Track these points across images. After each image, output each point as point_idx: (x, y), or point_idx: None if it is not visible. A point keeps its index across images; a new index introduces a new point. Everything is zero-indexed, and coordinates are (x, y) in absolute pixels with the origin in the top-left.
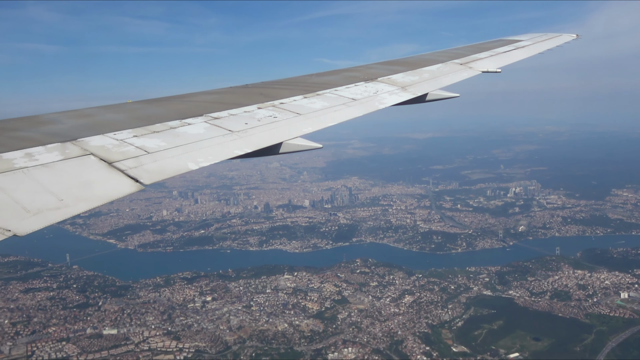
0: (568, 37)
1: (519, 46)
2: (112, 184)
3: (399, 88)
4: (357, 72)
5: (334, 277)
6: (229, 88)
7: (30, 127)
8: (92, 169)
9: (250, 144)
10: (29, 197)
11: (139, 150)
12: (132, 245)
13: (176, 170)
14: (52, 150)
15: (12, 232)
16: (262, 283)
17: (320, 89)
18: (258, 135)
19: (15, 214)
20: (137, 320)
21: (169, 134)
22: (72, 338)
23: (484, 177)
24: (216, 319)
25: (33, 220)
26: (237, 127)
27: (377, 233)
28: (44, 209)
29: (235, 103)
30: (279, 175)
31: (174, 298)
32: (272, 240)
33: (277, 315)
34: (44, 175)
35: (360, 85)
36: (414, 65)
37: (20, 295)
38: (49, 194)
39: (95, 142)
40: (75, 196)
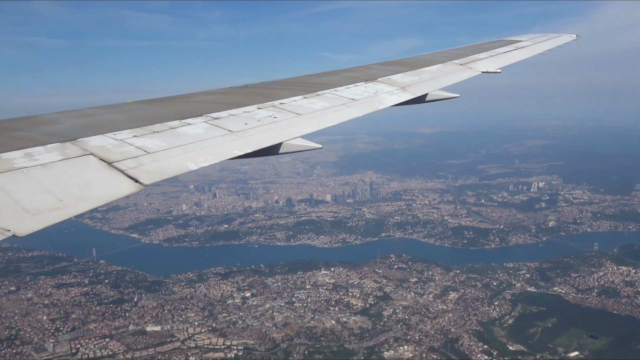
0: (568, 37)
1: (519, 46)
2: (112, 184)
3: (398, 88)
4: (357, 73)
5: (372, 272)
6: (229, 88)
7: (30, 127)
8: (92, 169)
9: (250, 144)
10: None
11: (139, 150)
12: (157, 239)
13: (176, 170)
14: (51, 150)
15: (12, 232)
16: (300, 279)
17: (320, 89)
18: (258, 136)
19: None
20: (179, 317)
21: (168, 134)
22: (115, 335)
23: (501, 172)
24: (260, 316)
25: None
26: (237, 127)
27: (406, 228)
28: (43, 209)
29: (235, 103)
30: (293, 170)
31: (210, 294)
32: (299, 235)
33: (322, 312)
34: (44, 176)
35: (360, 86)
36: (414, 66)
37: (54, 291)
38: (49, 194)
39: (95, 142)
40: (75, 196)
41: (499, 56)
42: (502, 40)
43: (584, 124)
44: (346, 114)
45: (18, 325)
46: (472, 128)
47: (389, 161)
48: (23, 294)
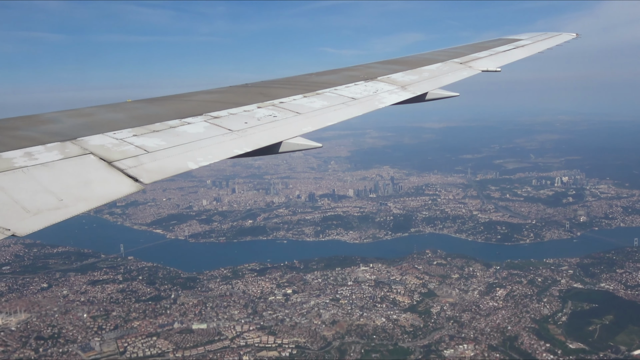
0: (568, 36)
1: (519, 45)
2: (112, 183)
3: (398, 87)
4: (356, 72)
5: (412, 269)
6: (229, 87)
7: (29, 126)
8: (92, 168)
9: (250, 143)
10: (28, 196)
11: (139, 149)
12: (182, 235)
13: (176, 169)
14: (51, 150)
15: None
16: (339, 275)
17: (320, 88)
18: (258, 135)
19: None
20: (223, 314)
21: (168, 133)
22: (161, 333)
23: (520, 167)
24: (306, 313)
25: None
26: (237, 126)
27: (435, 223)
28: (43, 209)
29: (235, 102)
30: (307, 165)
31: (249, 291)
32: (327, 231)
33: (370, 309)
34: (44, 175)
35: (360, 85)
36: (414, 65)
37: (89, 288)
38: (49, 194)
39: (95, 141)
40: (75, 196)
41: (498, 55)
42: (502, 39)
43: (590, 118)
44: (346, 113)
45: (59, 323)
46: (478, 123)
47: (403, 156)
48: (57, 291)
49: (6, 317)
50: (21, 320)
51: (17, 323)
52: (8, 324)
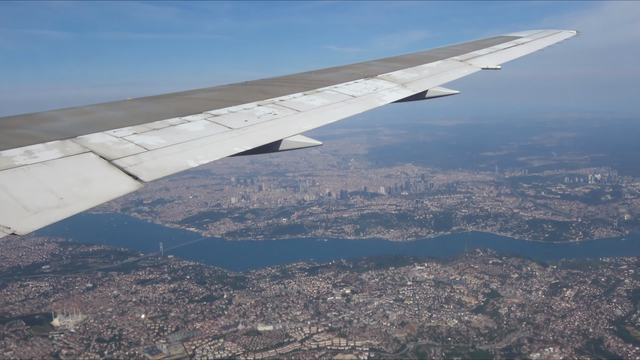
0: (568, 33)
1: (519, 43)
2: (112, 181)
3: (398, 85)
4: (356, 69)
5: (468, 268)
6: (229, 85)
7: (30, 125)
8: (92, 167)
9: (250, 141)
10: (28, 195)
11: (139, 147)
12: (218, 234)
13: (176, 167)
14: (51, 148)
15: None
16: (396, 274)
17: (320, 86)
18: (258, 133)
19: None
20: (286, 315)
21: (168, 131)
22: (226, 335)
23: (545, 164)
24: (372, 314)
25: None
26: (237, 124)
27: (477, 222)
28: (44, 208)
29: (235, 100)
30: (326, 162)
31: (305, 291)
32: (367, 229)
33: (438, 310)
34: (44, 173)
35: (360, 83)
36: (414, 62)
37: (139, 288)
38: (49, 192)
39: (95, 140)
40: (75, 194)
41: (498, 52)
42: (502, 37)
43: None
44: (346, 111)
45: (118, 324)
46: (488, 121)
47: (421, 153)
48: (106, 291)
49: (63, 319)
50: (79, 322)
51: (75, 324)
52: (66, 325)
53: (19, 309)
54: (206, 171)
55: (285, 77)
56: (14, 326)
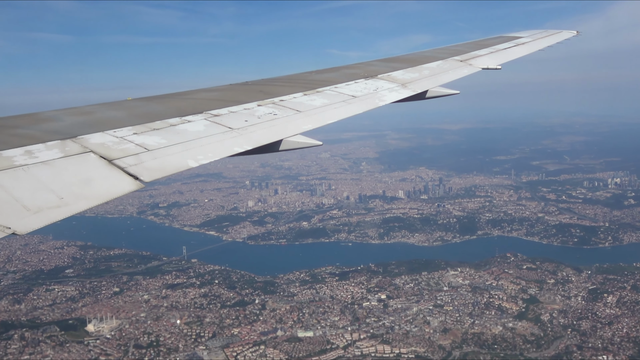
0: (568, 33)
1: (519, 43)
2: (112, 181)
3: (399, 85)
4: (357, 69)
5: (503, 273)
6: (229, 85)
7: (30, 125)
8: (92, 167)
9: (250, 141)
10: (29, 195)
11: (139, 147)
12: (239, 237)
13: (176, 167)
14: (52, 148)
15: (12, 230)
16: (431, 279)
17: (320, 86)
18: (258, 133)
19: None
20: (324, 321)
21: (168, 131)
22: (266, 341)
23: (561, 169)
24: (412, 320)
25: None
26: (237, 124)
27: (502, 226)
28: (44, 207)
29: (235, 100)
30: (338, 166)
31: (338, 296)
32: (391, 233)
33: (479, 316)
34: (44, 173)
35: (360, 83)
36: (414, 62)
37: (169, 292)
38: (49, 192)
39: (95, 140)
40: (76, 194)
41: (499, 52)
42: (502, 37)
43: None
44: (346, 111)
45: (154, 330)
46: (495, 125)
47: (433, 157)
48: (135, 296)
49: (98, 324)
50: (113, 327)
51: (110, 330)
52: (101, 330)
53: (49, 314)
54: (218, 174)
55: (286, 77)
56: (48, 331)
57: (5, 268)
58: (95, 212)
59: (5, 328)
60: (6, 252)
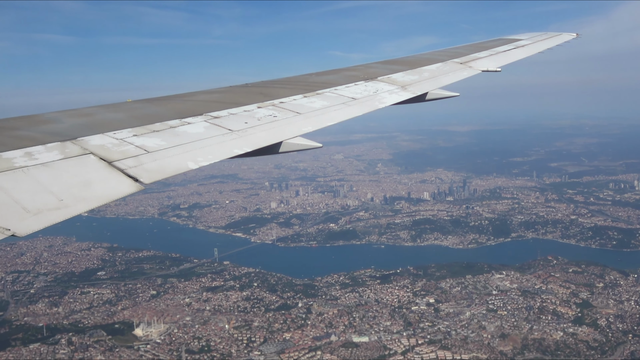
0: (568, 36)
1: (519, 45)
2: (112, 183)
3: (398, 87)
4: (356, 72)
5: (550, 277)
6: (229, 87)
7: (30, 126)
8: (92, 168)
9: (250, 143)
10: (28, 196)
11: (139, 149)
12: (268, 239)
13: (176, 169)
14: (51, 150)
15: (12, 231)
16: (477, 282)
17: (320, 88)
18: (258, 135)
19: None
20: (377, 326)
21: (168, 133)
22: (321, 347)
23: (581, 170)
24: (467, 325)
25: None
26: (237, 126)
27: (536, 228)
28: (43, 209)
29: (235, 102)
30: (353, 167)
31: (384, 299)
32: (424, 235)
33: (536, 321)
34: (44, 175)
35: (360, 85)
36: (414, 65)
37: (210, 295)
38: (49, 194)
39: (95, 141)
40: (75, 196)
41: (499, 55)
42: (502, 39)
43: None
44: (346, 113)
45: (203, 334)
46: (504, 126)
47: (448, 159)
48: (176, 299)
49: (146, 328)
50: (162, 331)
51: (158, 334)
52: (149, 335)
53: (90, 317)
54: (233, 175)
55: (285, 79)
56: (95, 336)
57: (35, 270)
58: (116, 214)
59: (51, 332)
60: (32, 254)
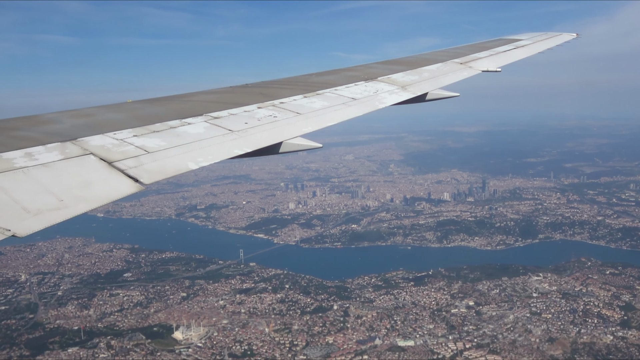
0: (568, 36)
1: (519, 45)
2: (112, 184)
3: (398, 87)
4: (356, 72)
5: (588, 279)
6: (229, 88)
7: (30, 127)
8: (92, 169)
9: (250, 144)
10: (29, 197)
11: (139, 149)
12: (291, 240)
13: (176, 169)
14: (52, 150)
15: (12, 232)
16: (516, 284)
17: (320, 89)
18: (258, 135)
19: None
20: (420, 329)
21: (169, 133)
22: (367, 351)
23: (598, 171)
24: (512, 328)
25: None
26: (237, 126)
27: (563, 229)
28: (44, 210)
29: (235, 102)
30: (366, 168)
31: (420, 302)
32: (450, 236)
33: (583, 325)
34: (44, 175)
35: (360, 85)
36: (414, 65)
37: (243, 298)
38: (49, 194)
39: (95, 142)
40: (76, 196)
41: (499, 55)
42: (502, 39)
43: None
44: (346, 113)
45: (244, 338)
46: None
47: (460, 159)
48: (209, 301)
49: (186, 331)
50: (202, 335)
51: (198, 338)
52: (189, 338)
53: (123, 321)
54: (245, 176)
55: (286, 80)
56: (134, 339)
57: (59, 272)
58: (132, 214)
59: (88, 336)
60: (53, 255)
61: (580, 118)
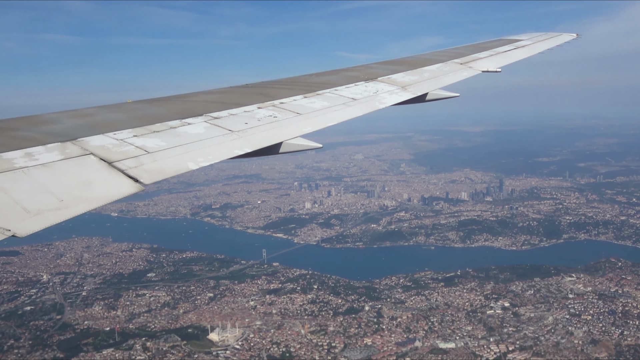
0: (568, 36)
1: (519, 46)
2: (112, 184)
3: (399, 88)
4: (357, 72)
5: (622, 280)
6: (229, 88)
7: (30, 127)
8: (92, 169)
9: (250, 144)
10: (29, 197)
11: (139, 150)
12: (312, 240)
13: (176, 170)
14: (52, 150)
15: (12, 232)
16: (550, 285)
17: (320, 89)
18: (258, 135)
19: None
20: (459, 331)
21: (169, 133)
22: (408, 353)
23: (612, 170)
24: (552, 330)
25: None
26: (237, 126)
27: (587, 229)
28: (44, 210)
29: (235, 103)
30: (377, 167)
31: (453, 303)
32: (473, 236)
33: (625, 327)
34: (44, 175)
35: (360, 85)
36: (414, 65)
37: (274, 299)
38: (49, 194)
39: (95, 142)
40: (76, 196)
41: (499, 55)
42: (502, 40)
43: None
44: (346, 114)
45: (281, 339)
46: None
47: (471, 159)
48: (238, 302)
49: (222, 333)
50: (238, 336)
51: (235, 339)
52: (225, 340)
53: (154, 322)
54: (256, 175)
55: (286, 80)
56: (169, 341)
57: (81, 272)
58: (147, 214)
59: (124, 337)
60: (72, 255)
61: (585, 118)
